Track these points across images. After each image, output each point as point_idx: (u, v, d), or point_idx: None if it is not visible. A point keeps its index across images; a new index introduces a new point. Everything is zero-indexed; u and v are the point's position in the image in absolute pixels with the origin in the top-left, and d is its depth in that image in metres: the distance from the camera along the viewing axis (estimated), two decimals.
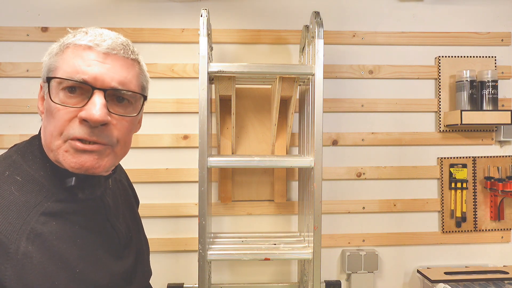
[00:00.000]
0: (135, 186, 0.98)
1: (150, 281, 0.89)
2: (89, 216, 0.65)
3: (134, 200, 0.87)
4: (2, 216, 0.54)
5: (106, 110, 0.60)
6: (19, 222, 0.55)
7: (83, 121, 0.59)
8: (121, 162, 0.90)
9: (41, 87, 0.65)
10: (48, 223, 0.57)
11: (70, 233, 0.60)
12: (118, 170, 0.86)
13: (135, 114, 0.66)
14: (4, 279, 0.51)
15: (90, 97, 0.60)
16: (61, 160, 0.60)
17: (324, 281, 1.44)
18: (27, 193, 0.58)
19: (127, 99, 0.64)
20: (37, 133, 0.68)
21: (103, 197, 0.69)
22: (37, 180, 0.60)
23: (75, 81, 0.59)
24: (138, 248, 0.77)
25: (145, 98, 0.68)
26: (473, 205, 1.50)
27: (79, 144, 0.60)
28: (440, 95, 1.49)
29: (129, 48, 0.65)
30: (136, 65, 0.67)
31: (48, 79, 0.60)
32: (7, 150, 0.67)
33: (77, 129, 0.59)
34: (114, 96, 0.63)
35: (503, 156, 1.51)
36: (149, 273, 0.83)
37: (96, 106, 0.59)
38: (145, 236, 0.87)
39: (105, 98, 0.60)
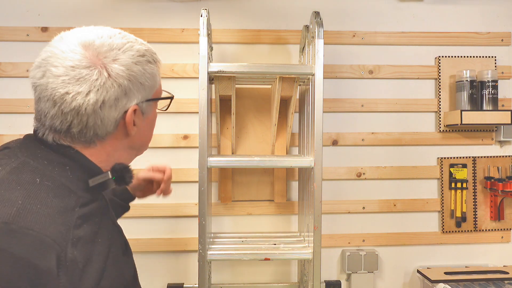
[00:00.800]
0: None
1: (151, 281, 0.90)
2: (102, 216, 0.66)
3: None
4: (52, 223, 0.54)
5: None
6: (64, 228, 0.55)
7: None
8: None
9: (138, 108, 0.67)
10: (82, 227, 0.58)
11: (95, 234, 0.61)
12: None
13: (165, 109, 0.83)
14: (59, 287, 0.52)
15: (169, 104, 0.78)
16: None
17: (324, 281, 1.44)
18: (62, 199, 0.58)
19: None
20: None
21: (105, 197, 0.71)
22: (64, 185, 0.60)
23: (172, 97, 0.76)
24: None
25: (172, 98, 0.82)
26: (473, 205, 1.50)
27: None
28: (440, 95, 1.49)
29: None
30: None
31: (171, 99, 0.77)
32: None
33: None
34: None
35: (503, 156, 1.51)
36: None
37: None
38: None
39: None
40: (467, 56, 1.50)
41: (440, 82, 1.49)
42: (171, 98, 0.76)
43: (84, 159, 0.63)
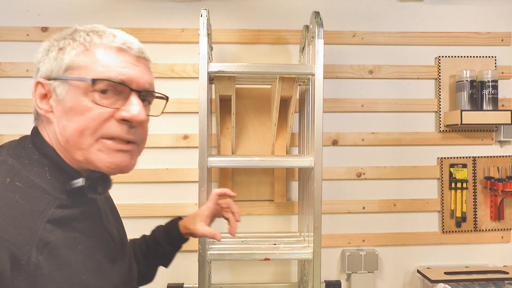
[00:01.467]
0: (135, 186, 0.99)
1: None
2: (87, 221, 0.63)
3: (114, 204, 0.86)
4: (13, 227, 0.52)
5: (143, 110, 0.63)
6: (28, 232, 0.53)
7: (123, 120, 0.61)
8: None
9: (41, 84, 0.62)
10: (53, 231, 0.56)
11: (72, 240, 0.59)
12: None
13: (158, 114, 0.71)
14: None
15: (127, 98, 0.62)
16: (94, 159, 0.60)
17: (324, 281, 1.44)
18: (31, 201, 0.56)
19: (147, 100, 0.68)
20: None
21: (97, 201, 0.68)
22: (38, 186, 0.58)
23: (115, 82, 0.60)
24: (128, 250, 0.76)
25: (167, 100, 0.74)
26: (473, 205, 1.50)
27: (116, 144, 0.61)
28: (440, 95, 1.49)
29: (148, 52, 0.69)
30: (151, 68, 0.71)
31: (94, 81, 0.59)
32: None
33: (115, 128, 0.61)
34: (142, 97, 0.65)
35: (503, 156, 1.51)
36: (136, 276, 0.82)
37: (137, 107, 0.61)
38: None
39: (140, 99, 0.63)
40: (467, 56, 1.50)
41: (440, 82, 1.49)
42: (90, 81, 0.59)
43: (61, 161, 0.62)
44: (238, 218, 0.93)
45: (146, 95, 0.66)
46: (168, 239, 0.93)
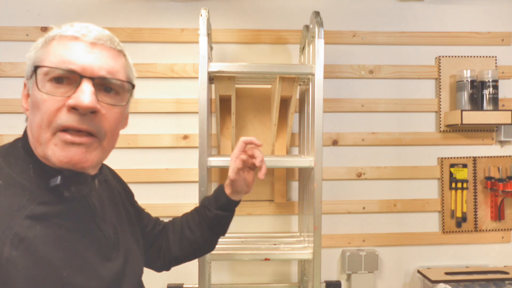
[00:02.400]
0: (135, 186, 0.97)
1: (151, 281, 0.88)
2: (75, 218, 0.63)
3: (119, 199, 0.84)
4: None
5: (95, 97, 0.59)
6: (2, 227, 0.53)
7: (72, 109, 0.58)
8: (121, 162, 0.91)
9: (25, 85, 0.64)
10: (32, 227, 0.56)
11: (55, 237, 0.58)
12: (104, 170, 0.85)
13: (124, 103, 0.66)
14: None
15: (78, 85, 0.59)
16: (49, 154, 0.59)
17: (324, 281, 1.43)
18: (9, 197, 0.56)
19: (114, 90, 0.64)
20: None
21: (89, 198, 0.67)
22: (20, 183, 0.58)
23: (62, 69, 0.59)
24: (126, 248, 0.75)
25: (133, 87, 0.69)
26: (474, 205, 1.50)
27: (68, 136, 0.59)
28: (440, 95, 1.49)
29: (115, 40, 0.66)
30: (122, 56, 0.67)
31: (36, 68, 0.60)
32: None
33: (65, 118, 0.58)
34: (102, 86, 0.62)
35: (503, 156, 1.50)
36: (140, 272, 0.81)
37: (85, 93, 0.58)
38: (138, 234, 0.85)
39: (93, 87, 0.60)
40: (468, 56, 1.50)
41: (440, 82, 1.49)
42: (33, 69, 0.60)
43: (38, 158, 0.62)
44: (260, 162, 0.90)
45: (105, 83, 0.62)
46: (216, 203, 0.93)
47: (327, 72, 1.46)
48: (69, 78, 0.59)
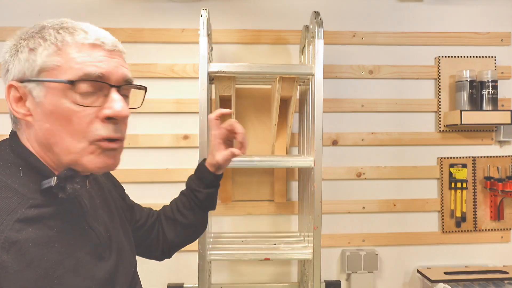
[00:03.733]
0: (135, 186, 0.98)
1: (151, 281, 0.88)
2: (66, 219, 0.63)
3: (110, 197, 0.84)
4: None
5: (126, 104, 0.61)
6: None
7: (107, 119, 0.59)
8: (121, 162, 0.90)
9: (14, 87, 0.60)
10: (23, 230, 0.55)
11: (47, 239, 0.58)
12: None
13: (138, 106, 0.68)
14: None
15: (107, 94, 0.60)
16: (85, 162, 0.60)
17: (324, 281, 1.44)
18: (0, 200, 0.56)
19: (125, 94, 0.65)
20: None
21: (80, 198, 0.67)
22: (10, 186, 0.58)
23: (91, 79, 0.58)
24: (118, 246, 0.74)
25: (146, 90, 0.70)
26: (473, 205, 1.50)
27: (107, 144, 0.60)
28: (440, 95, 1.49)
29: (121, 45, 0.66)
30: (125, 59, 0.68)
31: (72, 82, 0.58)
32: None
33: (102, 129, 0.59)
34: (120, 92, 0.63)
35: (503, 156, 1.51)
36: (132, 269, 0.81)
37: (119, 102, 0.60)
38: (129, 231, 0.84)
39: (120, 94, 0.61)
40: (467, 56, 1.50)
41: (440, 82, 1.49)
42: (67, 82, 0.58)
43: (36, 160, 0.62)
44: (242, 139, 0.87)
45: (125, 89, 0.64)
46: (204, 183, 0.94)
47: (327, 72, 1.46)
48: (94, 87, 0.59)
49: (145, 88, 0.70)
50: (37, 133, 0.60)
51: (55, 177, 0.60)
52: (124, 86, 0.63)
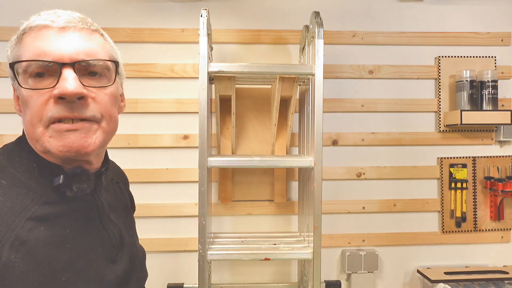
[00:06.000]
0: (135, 186, 0.98)
1: (151, 281, 0.87)
2: (80, 218, 0.62)
3: (130, 205, 0.84)
4: None
5: (79, 82, 0.57)
6: (3, 229, 0.52)
7: (59, 99, 0.57)
8: (121, 162, 0.90)
9: (14, 88, 0.64)
10: (35, 229, 0.54)
11: (60, 238, 0.57)
12: (116, 172, 0.83)
13: (110, 83, 0.63)
14: None
15: (60, 74, 0.57)
16: (48, 147, 0.58)
17: (324, 281, 1.44)
18: (12, 198, 0.55)
19: (99, 73, 0.62)
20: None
21: (96, 197, 0.66)
22: (24, 183, 0.57)
23: (39, 61, 0.57)
24: (132, 252, 0.73)
25: (117, 65, 0.65)
26: (473, 205, 1.50)
27: (62, 125, 0.57)
28: (440, 95, 1.49)
29: (87, 20, 0.64)
30: (98, 35, 0.65)
31: (12, 66, 0.58)
32: None
33: (54, 109, 0.57)
34: (85, 71, 0.60)
35: (503, 156, 1.51)
36: (144, 277, 0.80)
37: (68, 80, 0.56)
38: (138, 242, 0.84)
39: (75, 72, 0.58)
40: (467, 56, 1.50)
41: (440, 82, 1.49)
42: (10, 67, 0.59)
43: (42, 157, 0.61)
44: None
45: (86, 68, 0.60)
46: None
47: (327, 72, 1.46)
48: (49, 70, 0.58)
49: (114, 62, 0.64)
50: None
51: (62, 176, 0.59)
52: (81, 64, 0.59)
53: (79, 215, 0.62)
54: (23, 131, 0.64)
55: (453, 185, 1.48)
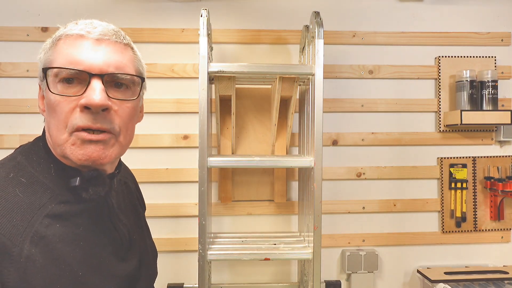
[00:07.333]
0: None
1: None
2: (93, 217, 0.64)
3: (139, 204, 0.86)
4: (6, 218, 0.54)
5: (105, 94, 0.60)
6: (23, 224, 0.54)
7: (85, 108, 0.59)
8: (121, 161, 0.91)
9: (40, 87, 0.66)
10: (52, 226, 0.57)
11: (73, 236, 0.60)
12: (124, 172, 0.85)
13: (135, 98, 0.66)
14: (7, 282, 0.51)
15: (88, 84, 0.59)
16: (68, 154, 0.60)
17: (324, 281, 1.44)
18: (31, 195, 0.57)
19: (125, 84, 0.64)
20: (40, 133, 0.68)
21: (107, 198, 0.68)
22: (42, 182, 0.60)
23: (70, 69, 0.59)
24: (141, 251, 0.76)
25: (143, 80, 0.68)
26: (473, 205, 1.50)
27: (85, 134, 0.59)
28: (440, 95, 1.49)
29: (121, 34, 0.66)
30: (129, 50, 0.67)
31: (45, 70, 0.61)
32: (13, 151, 0.66)
33: (79, 118, 0.59)
34: (112, 82, 0.62)
35: (503, 156, 1.51)
36: (154, 275, 0.82)
37: (95, 91, 0.58)
38: (152, 240, 0.87)
39: (103, 84, 0.60)
40: (467, 56, 1.50)
41: (440, 82, 1.49)
42: (42, 71, 0.62)
43: (57, 159, 0.63)
44: None
45: (113, 79, 0.63)
46: None
47: (327, 72, 1.46)
48: (78, 78, 0.60)
49: (141, 78, 0.67)
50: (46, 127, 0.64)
51: (79, 178, 0.61)
52: (110, 77, 0.61)
53: (91, 215, 0.64)
54: (43, 131, 0.66)
55: (453, 185, 1.48)
